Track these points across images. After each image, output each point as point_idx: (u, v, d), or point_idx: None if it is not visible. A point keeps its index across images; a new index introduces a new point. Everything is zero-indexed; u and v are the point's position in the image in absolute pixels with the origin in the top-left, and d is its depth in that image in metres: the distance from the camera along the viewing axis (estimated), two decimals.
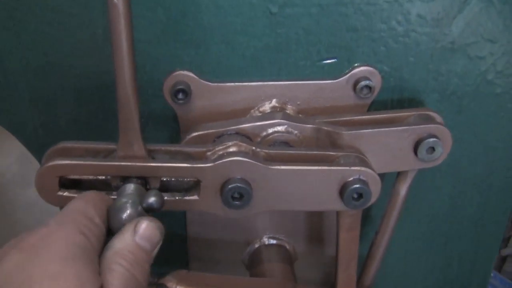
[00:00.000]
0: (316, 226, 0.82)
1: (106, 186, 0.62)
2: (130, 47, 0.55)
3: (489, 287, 2.62)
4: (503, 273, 2.69)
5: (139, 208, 0.55)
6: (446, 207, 0.86)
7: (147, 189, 0.60)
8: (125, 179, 0.60)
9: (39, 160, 0.75)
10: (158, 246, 0.54)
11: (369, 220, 0.84)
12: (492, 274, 2.66)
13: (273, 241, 0.82)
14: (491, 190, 0.85)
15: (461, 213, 0.86)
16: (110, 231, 0.54)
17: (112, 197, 0.59)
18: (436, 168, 0.71)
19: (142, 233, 0.52)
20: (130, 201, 0.55)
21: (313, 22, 0.68)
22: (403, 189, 0.73)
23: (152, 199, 0.55)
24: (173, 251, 0.81)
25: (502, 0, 0.69)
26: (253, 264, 0.81)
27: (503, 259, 2.82)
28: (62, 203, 0.60)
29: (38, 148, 0.76)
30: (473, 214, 0.87)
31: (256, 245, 0.82)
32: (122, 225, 0.53)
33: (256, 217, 0.80)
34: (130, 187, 0.59)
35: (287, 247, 0.82)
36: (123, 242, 0.51)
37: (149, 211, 0.55)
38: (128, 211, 0.54)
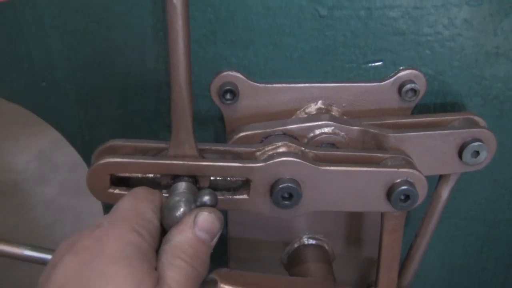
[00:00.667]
0: (354, 227, 0.82)
1: (155, 184, 0.63)
2: (187, 48, 0.56)
3: None
4: None
5: (193, 206, 0.55)
6: (483, 210, 0.86)
7: (198, 188, 0.61)
8: (176, 178, 0.61)
9: (85, 158, 0.77)
10: (218, 236, 0.54)
11: (408, 222, 0.85)
12: None
13: (312, 241, 0.82)
14: None
15: (498, 217, 0.87)
16: (164, 230, 0.55)
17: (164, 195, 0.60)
18: (474, 171, 0.72)
19: (201, 225, 0.52)
20: (183, 199, 0.55)
21: (361, 25, 0.68)
22: (445, 192, 0.74)
23: (206, 198, 0.56)
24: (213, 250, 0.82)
25: None
26: (292, 264, 0.82)
27: None
28: (113, 200, 0.61)
29: (83, 146, 0.77)
30: (510, 219, 0.87)
31: (296, 245, 0.82)
32: (176, 223, 0.54)
33: (296, 217, 0.81)
34: (182, 185, 0.59)
35: (326, 247, 0.83)
36: (182, 235, 0.51)
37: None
38: (182, 209, 0.54)
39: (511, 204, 0.86)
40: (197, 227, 0.52)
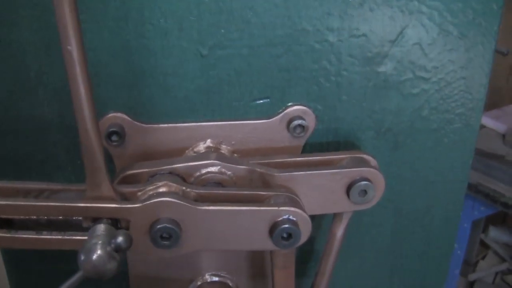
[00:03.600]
0: (257, 262, 0.82)
1: (37, 225, 0.62)
2: (89, 92, 0.55)
3: None
4: None
5: (108, 248, 0.56)
6: (389, 242, 0.86)
7: (117, 229, 0.61)
8: (96, 220, 0.61)
9: None
10: None
11: (312, 255, 0.85)
12: None
13: (215, 278, 0.82)
14: (432, 224, 0.86)
15: (405, 248, 0.87)
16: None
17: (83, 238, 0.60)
18: (376, 204, 0.72)
19: None
20: (100, 241, 0.57)
21: (244, 63, 0.69)
22: (339, 230, 0.74)
23: (120, 239, 0.57)
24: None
25: (431, 38, 0.71)
26: None
27: (471, 284, 2.84)
28: None
29: None
30: (417, 248, 0.87)
31: (199, 283, 0.81)
32: (92, 266, 0.55)
33: (198, 254, 0.80)
34: (101, 228, 0.59)
35: (230, 283, 0.82)
36: None
37: (118, 251, 0.57)
38: (99, 252, 0.56)
39: (416, 234, 0.86)
40: None
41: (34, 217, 0.62)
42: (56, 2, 0.51)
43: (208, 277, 0.82)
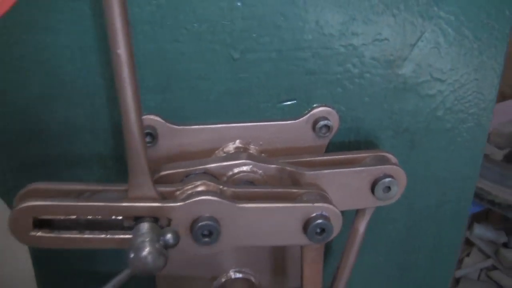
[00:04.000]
0: (279, 259, 0.85)
1: (77, 225, 0.64)
2: (136, 95, 0.58)
3: None
4: None
5: (157, 245, 0.59)
6: (403, 237, 0.90)
7: (160, 227, 0.63)
8: (138, 219, 0.63)
9: (9, 203, 0.77)
10: None
11: (332, 252, 0.88)
12: None
13: (239, 275, 0.84)
14: (443, 220, 0.89)
15: (417, 243, 0.90)
16: None
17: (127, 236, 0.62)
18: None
19: None
20: (147, 239, 0.59)
21: (273, 66, 0.72)
22: (362, 226, 0.77)
23: (169, 236, 0.60)
24: None
25: (448, 42, 0.74)
26: None
27: (457, 281, 2.89)
28: (35, 243, 0.62)
29: (7, 191, 0.77)
30: (428, 243, 0.91)
31: (223, 279, 0.84)
32: (142, 263, 0.58)
33: (222, 252, 0.83)
34: (145, 226, 0.61)
35: (253, 280, 0.84)
36: None
37: (166, 248, 0.60)
38: (148, 249, 0.58)
39: (428, 230, 0.90)
40: None
41: (74, 217, 0.64)
42: (107, 7, 0.54)
43: (232, 274, 0.84)
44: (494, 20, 0.75)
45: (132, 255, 0.58)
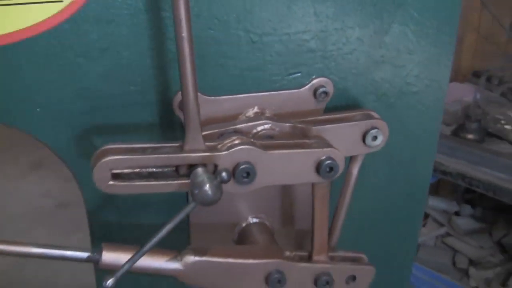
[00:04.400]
0: (287, 207, 1.05)
1: (140, 177, 0.82)
2: (193, 69, 0.77)
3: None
4: (417, 260, 3.01)
5: (215, 182, 0.78)
6: (383, 185, 1.11)
7: None
8: (191, 167, 0.82)
9: (76, 169, 0.94)
10: None
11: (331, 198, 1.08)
12: None
13: (256, 220, 1.04)
14: (416, 171, 1.11)
15: (395, 189, 1.12)
16: None
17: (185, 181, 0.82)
18: (374, 155, 0.96)
19: None
20: (206, 177, 0.78)
21: (283, 46, 0.92)
22: (355, 169, 0.98)
23: (223, 174, 0.80)
24: (176, 235, 1.02)
25: (414, 23, 0.96)
26: (242, 239, 1.03)
27: (417, 248, 3.16)
28: (113, 190, 0.81)
29: (74, 158, 0.94)
30: (404, 189, 1.12)
31: (244, 224, 1.04)
32: (205, 195, 0.76)
33: (242, 202, 1.02)
34: (200, 170, 0.81)
35: (267, 223, 1.04)
36: None
37: (222, 183, 0.80)
38: (208, 184, 0.77)
39: (404, 178, 1.11)
40: None
41: (137, 170, 0.83)
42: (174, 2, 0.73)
43: (250, 220, 1.04)
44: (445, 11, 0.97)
45: (196, 191, 0.77)
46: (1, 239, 0.83)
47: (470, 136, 2.79)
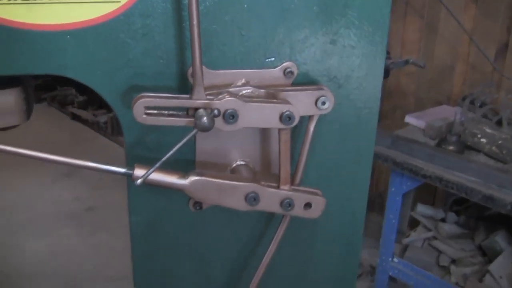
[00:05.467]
0: (265, 153, 1.49)
1: (169, 115, 1.28)
2: (199, 44, 1.23)
3: (394, 271, 3.32)
4: (405, 259, 3.41)
5: (210, 116, 1.22)
6: (334, 141, 1.54)
7: None
8: (196, 109, 1.27)
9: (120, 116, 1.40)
10: None
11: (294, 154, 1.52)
12: (396, 260, 3.37)
13: (242, 162, 1.48)
14: (361, 134, 1.54)
15: (343, 145, 1.55)
16: None
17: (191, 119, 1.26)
18: (325, 120, 1.40)
19: None
20: (204, 113, 1.23)
21: (262, 39, 1.37)
22: (311, 126, 1.41)
23: (216, 111, 1.24)
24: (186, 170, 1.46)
25: (355, 27, 1.40)
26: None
27: (405, 247, 3.56)
28: (145, 120, 1.26)
29: (121, 107, 1.39)
30: (351, 147, 1.55)
31: (233, 165, 1.48)
32: (203, 123, 1.20)
33: (233, 149, 1.47)
34: (201, 111, 1.25)
35: (250, 166, 1.49)
36: None
37: (214, 117, 1.23)
38: (205, 118, 1.22)
39: (350, 137, 1.54)
40: None
41: (162, 111, 1.28)
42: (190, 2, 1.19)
43: (238, 162, 1.49)
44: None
45: (198, 121, 1.22)
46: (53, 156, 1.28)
47: (451, 148, 3.19)
